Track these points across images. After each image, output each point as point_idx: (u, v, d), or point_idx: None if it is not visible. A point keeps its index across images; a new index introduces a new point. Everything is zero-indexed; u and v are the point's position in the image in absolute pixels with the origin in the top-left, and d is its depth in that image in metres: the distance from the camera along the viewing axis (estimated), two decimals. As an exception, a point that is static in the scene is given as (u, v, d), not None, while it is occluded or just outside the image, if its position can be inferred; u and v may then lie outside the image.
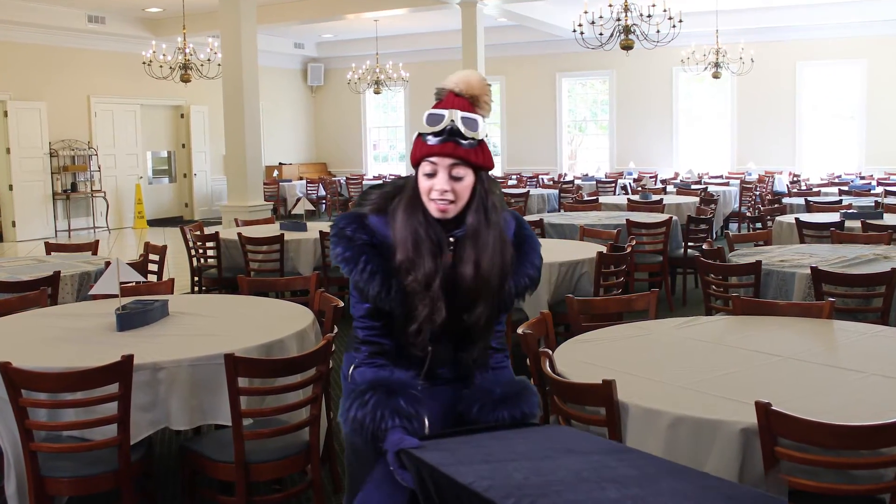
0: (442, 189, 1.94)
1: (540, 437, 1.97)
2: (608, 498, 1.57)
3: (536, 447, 1.87)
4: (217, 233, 7.11)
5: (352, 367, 2.07)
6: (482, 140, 1.97)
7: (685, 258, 7.69)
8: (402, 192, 2.03)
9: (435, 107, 1.98)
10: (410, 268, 1.95)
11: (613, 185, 13.85)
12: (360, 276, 1.96)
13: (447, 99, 1.99)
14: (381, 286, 1.95)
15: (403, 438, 1.86)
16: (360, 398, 1.93)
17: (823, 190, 11.54)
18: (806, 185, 13.47)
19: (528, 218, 8.26)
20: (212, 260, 7.11)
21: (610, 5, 10.91)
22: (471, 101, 2.00)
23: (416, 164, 2.00)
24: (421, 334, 1.99)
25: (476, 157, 1.96)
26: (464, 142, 1.93)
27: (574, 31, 11.09)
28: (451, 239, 2.00)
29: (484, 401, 2.08)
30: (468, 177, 1.97)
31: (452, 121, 1.92)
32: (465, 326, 2.03)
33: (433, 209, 1.96)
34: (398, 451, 1.85)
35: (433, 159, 1.95)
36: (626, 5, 10.87)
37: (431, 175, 1.95)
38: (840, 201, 9.24)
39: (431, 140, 1.94)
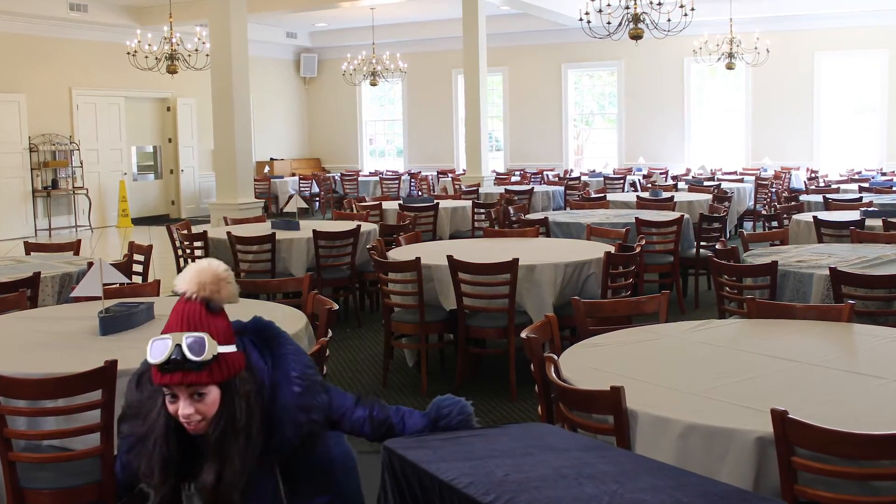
0: (186, 414, 1.96)
1: (522, 435, 2.06)
2: (586, 494, 1.67)
3: (518, 445, 1.97)
4: (205, 232, 7.11)
5: None
6: (218, 353, 1.96)
7: (697, 258, 7.69)
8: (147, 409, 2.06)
9: (170, 316, 1.99)
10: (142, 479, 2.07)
11: (622, 181, 13.85)
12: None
13: (177, 308, 1.99)
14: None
15: None
16: None
17: (843, 187, 11.53)
18: (824, 181, 13.47)
19: (532, 216, 8.26)
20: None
21: (618, -7, 10.91)
22: (204, 302, 2.00)
23: (154, 386, 2.02)
24: None
25: (212, 376, 1.96)
26: (193, 366, 1.93)
27: (580, 19, 11.09)
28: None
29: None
30: (212, 392, 1.98)
31: (176, 349, 1.92)
32: None
33: (188, 429, 1.99)
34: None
35: (167, 389, 1.97)
36: (635, -7, 10.87)
37: (174, 400, 1.98)
38: (860, 199, 9.24)
39: (161, 370, 1.95)
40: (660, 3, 10.73)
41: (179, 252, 7.34)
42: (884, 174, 14.24)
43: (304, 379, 2.09)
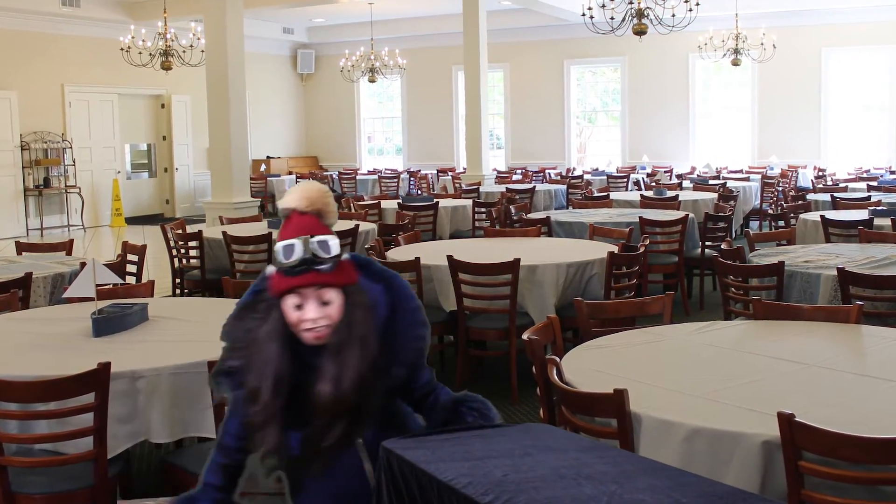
0: (314, 318, 2.00)
1: (521, 435, 2.10)
2: (585, 494, 1.70)
3: (517, 445, 2.01)
4: (200, 231, 7.11)
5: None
6: (340, 256, 2.03)
7: (702, 258, 7.69)
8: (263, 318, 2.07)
9: (283, 231, 2.03)
10: (252, 397, 2.03)
11: (625, 180, 13.86)
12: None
13: (294, 220, 2.03)
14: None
15: None
16: None
17: (851, 185, 11.54)
18: (832, 180, 13.47)
19: (534, 215, 8.27)
20: (194, 261, 7.11)
21: (622, -13, 10.91)
22: (317, 216, 2.05)
23: (278, 297, 2.03)
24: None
25: (338, 277, 2.03)
26: (323, 267, 1.99)
27: (583, 14, 11.09)
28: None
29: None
30: (336, 298, 2.03)
31: (307, 249, 1.97)
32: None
33: (308, 338, 2.02)
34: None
35: (298, 292, 2.01)
36: (639, -13, 10.87)
37: (299, 307, 2.01)
38: (869, 198, 9.24)
39: (291, 273, 1.99)
40: (664, -2, 10.73)
41: (174, 252, 7.34)
42: (893, 172, 14.23)
43: (418, 304, 2.16)
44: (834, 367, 2.94)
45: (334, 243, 2.00)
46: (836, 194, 9.34)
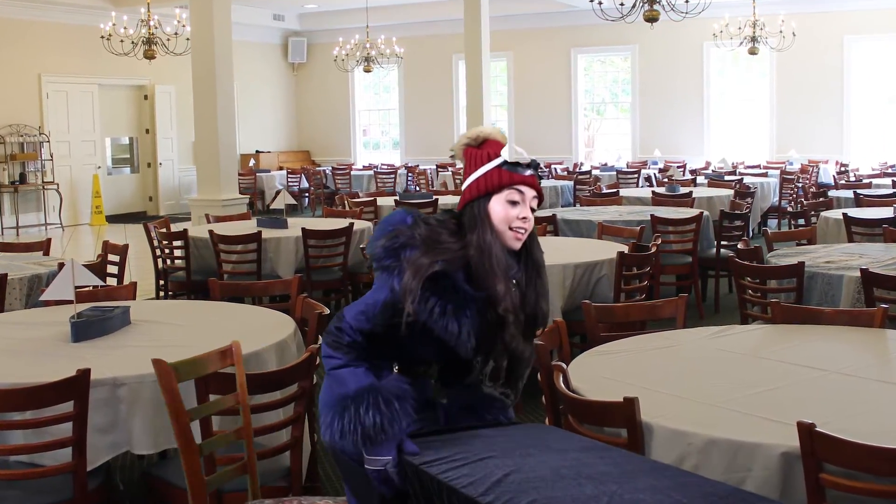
0: (525, 216, 2.28)
1: (522, 436, 2.21)
2: (585, 494, 1.81)
3: (518, 445, 2.11)
4: (185, 230, 7.11)
5: (338, 366, 2.24)
6: None
7: (718, 259, 7.70)
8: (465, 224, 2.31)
9: (491, 145, 2.34)
10: (501, 297, 2.25)
11: (636, 175, 13.86)
12: (425, 309, 2.19)
13: (501, 142, 2.37)
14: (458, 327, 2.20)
15: (406, 442, 2.14)
16: (369, 401, 2.13)
17: (875, 181, 11.54)
18: (855, 175, 13.47)
19: (539, 213, 8.27)
20: (179, 261, 7.11)
21: (632, -29, 10.91)
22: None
23: (492, 190, 2.28)
24: (476, 368, 2.30)
25: (541, 193, 2.36)
26: (539, 178, 2.35)
27: (591, 0, 11.09)
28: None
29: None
30: (531, 213, 2.35)
31: (532, 158, 2.31)
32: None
33: (510, 238, 2.27)
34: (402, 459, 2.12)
35: (521, 188, 2.29)
36: (650, -29, 10.87)
37: (515, 203, 2.28)
38: (894, 194, 9.24)
39: (523, 170, 2.30)
40: (677, -17, 10.73)
41: (158, 252, 7.34)
42: (919, 168, 14.23)
43: None
44: (857, 374, 2.94)
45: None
46: (859, 191, 9.34)
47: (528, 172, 2.31)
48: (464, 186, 2.34)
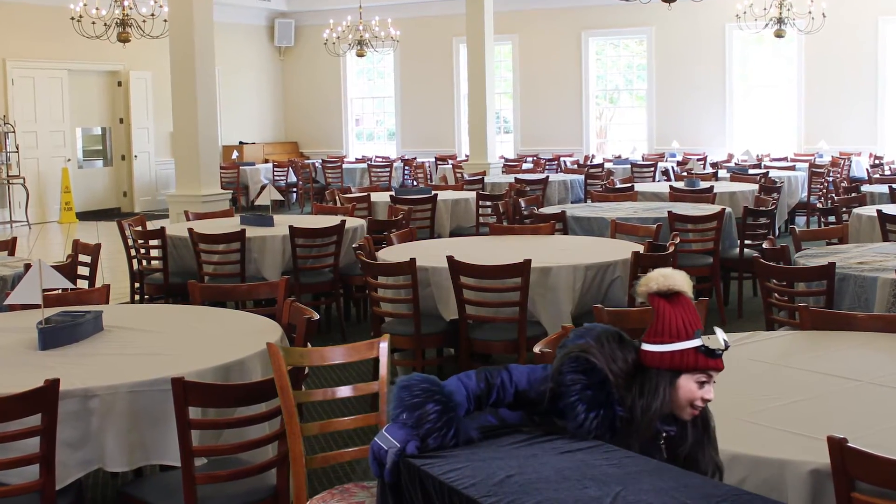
0: (711, 398, 2.34)
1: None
2: (589, 496, 1.92)
3: (521, 446, 2.22)
4: (163, 228, 7.11)
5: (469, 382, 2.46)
6: None
7: (741, 260, 7.69)
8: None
9: (686, 311, 2.43)
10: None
11: (652, 169, 13.86)
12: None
13: (688, 303, 2.45)
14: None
15: (411, 443, 2.21)
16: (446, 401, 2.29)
17: (912, 175, 11.54)
18: (890, 169, 13.48)
19: (546, 210, 8.27)
20: (156, 262, 7.11)
21: (648, -53, 10.92)
22: None
23: (684, 370, 2.34)
24: None
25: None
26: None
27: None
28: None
29: None
30: None
31: (724, 340, 2.35)
32: None
33: (687, 413, 2.34)
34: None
35: (713, 373, 2.35)
36: (667, -53, 10.89)
37: (703, 384, 2.35)
38: (932, 189, 9.23)
39: (715, 356, 2.35)
40: (697, -40, 10.74)
41: (133, 252, 7.34)
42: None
43: None
44: (892, 384, 2.94)
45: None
46: (894, 185, 9.35)
47: (720, 354, 2.37)
48: (650, 342, 2.40)
